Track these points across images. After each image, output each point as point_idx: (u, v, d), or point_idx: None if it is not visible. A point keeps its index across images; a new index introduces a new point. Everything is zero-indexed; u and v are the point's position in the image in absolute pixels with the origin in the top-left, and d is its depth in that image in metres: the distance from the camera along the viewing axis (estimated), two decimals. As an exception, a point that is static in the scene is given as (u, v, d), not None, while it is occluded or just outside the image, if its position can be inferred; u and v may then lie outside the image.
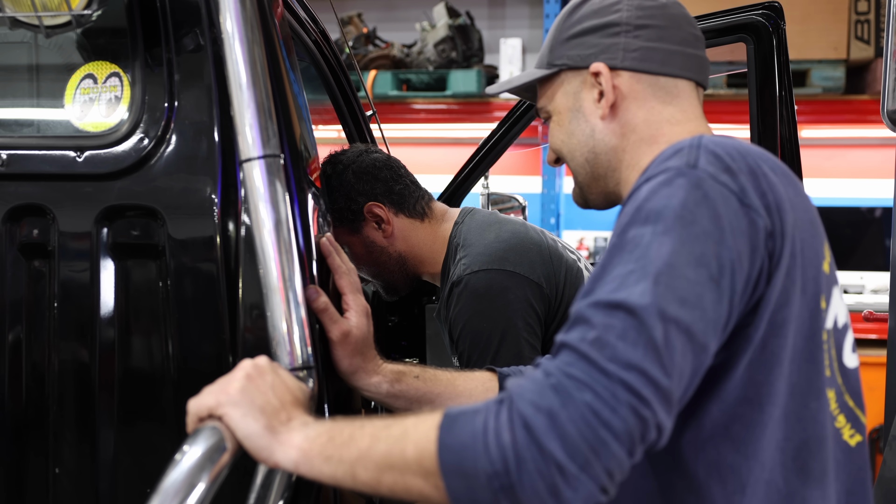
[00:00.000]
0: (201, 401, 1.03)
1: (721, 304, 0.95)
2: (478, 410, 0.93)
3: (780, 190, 1.02)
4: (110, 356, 1.40)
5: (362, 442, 0.97)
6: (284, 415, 1.02)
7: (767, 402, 1.01)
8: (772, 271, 0.99)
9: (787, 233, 1.00)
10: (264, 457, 1.01)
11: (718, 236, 0.96)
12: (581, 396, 0.88)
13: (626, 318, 0.91)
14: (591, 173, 1.23)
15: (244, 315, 1.33)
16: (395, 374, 1.38)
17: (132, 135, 1.38)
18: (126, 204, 1.38)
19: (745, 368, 1.00)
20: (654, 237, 0.95)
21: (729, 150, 1.02)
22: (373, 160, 1.80)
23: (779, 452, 1.02)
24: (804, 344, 1.02)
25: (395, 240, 1.79)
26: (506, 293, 1.65)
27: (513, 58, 4.73)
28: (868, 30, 4.43)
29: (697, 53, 1.20)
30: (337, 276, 1.37)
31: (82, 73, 1.43)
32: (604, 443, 0.87)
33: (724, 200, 0.97)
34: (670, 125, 1.17)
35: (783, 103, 1.98)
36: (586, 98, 1.21)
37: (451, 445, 0.92)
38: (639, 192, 1.01)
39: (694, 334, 0.92)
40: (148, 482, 1.41)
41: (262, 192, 1.22)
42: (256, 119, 1.22)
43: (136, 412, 1.41)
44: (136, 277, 1.40)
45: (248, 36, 1.24)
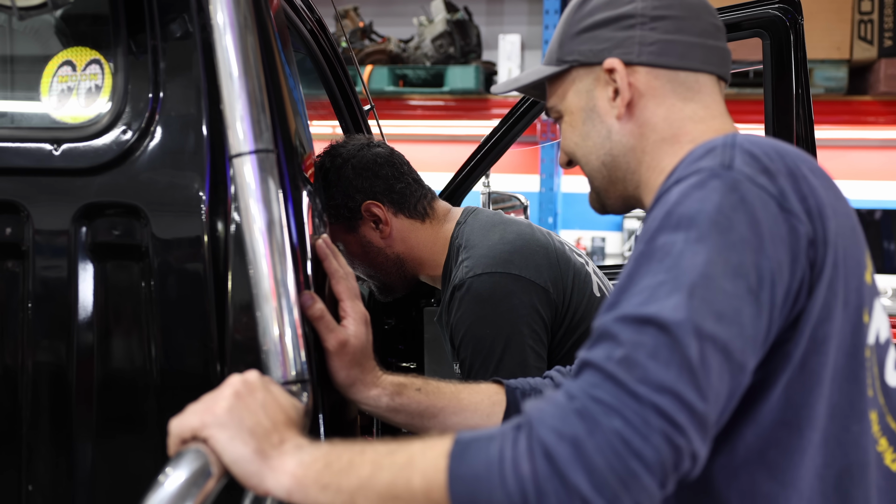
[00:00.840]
0: (184, 421, 0.94)
1: (760, 319, 0.86)
2: (492, 436, 0.84)
3: (821, 194, 0.93)
4: (88, 364, 1.30)
5: (363, 469, 0.88)
6: (276, 437, 0.93)
7: (807, 425, 0.92)
8: (813, 282, 0.91)
9: (830, 240, 0.91)
10: (254, 484, 0.92)
11: (757, 244, 0.87)
12: (609, 423, 0.79)
13: (658, 334, 0.82)
14: (609, 177, 1.13)
15: (233, 321, 1.24)
16: (396, 387, 1.29)
17: (113, 127, 1.29)
18: (106, 201, 1.29)
19: (784, 389, 0.91)
20: (688, 245, 0.86)
21: (766, 150, 0.93)
22: (374, 155, 1.70)
23: (818, 480, 0.93)
24: (846, 361, 0.94)
25: (394, 241, 1.69)
26: (510, 298, 1.56)
27: (511, 54, 4.64)
28: (871, 30, 4.36)
29: (719, 45, 1.11)
30: (334, 281, 1.28)
31: (60, 59, 1.34)
32: (634, 475, 0.78)
33: (763, 205, 0.89)
34: (693, 123, 1.08)
35: (800, 102, 1.90)
36: (600, 96, 1.12)
37: (462, 476, 0.83)
38: (668, 194, 0.92)
39: (731, 353, 0.84)
40: (128, 500, 1.34)
41: (254, 190, 1.12)
42: (248, 111, 1.13)
43: (116, 425, 1.32)
44: (116, 280, 1.31)
45: (240, 22, 1.14)
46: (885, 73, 4.25)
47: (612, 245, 5.19)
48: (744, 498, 0.92)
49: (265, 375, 1.03)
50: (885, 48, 4.33)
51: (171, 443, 0.95)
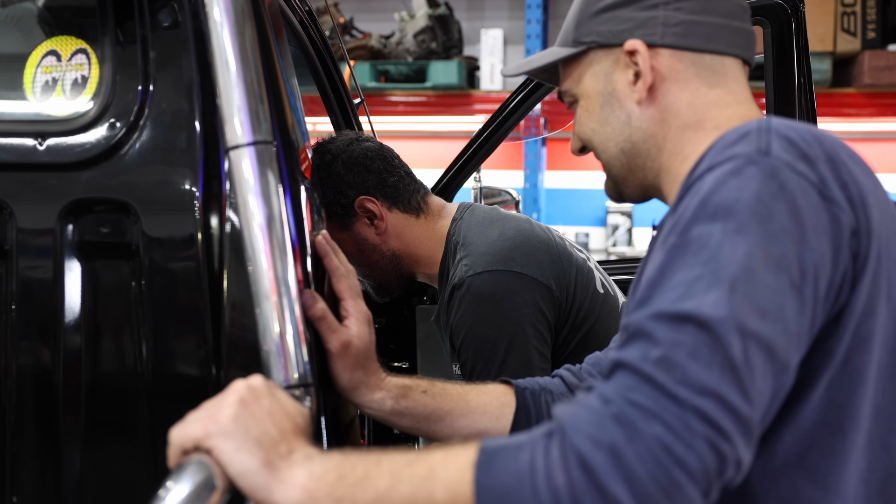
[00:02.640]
0: (186, 430, 0.88)
1: (804, 315, 0.82)
2: (522, 445, 0.79)
3: (862, 181, 0.89)
4: (76, 368, 1.24)
5: (380, 482, 0.83)
6: (285, 447, 0.87)
7: (850, 427, 0.88)
8: (857, 275, 0.86)
9: (874, 230, 0.87)
10: (261, 497, 0.86)
11: (799, 235, 0.82)
12: (649, 429, 0.74)
13: (698, 332, 0.77)
14: (628, 165, 1.08)
15: (229, 322, 1.19)
16: (401, 389, 1.23)
17: (101, 120, 1.23)
18: (94, 197, 1.23)
19: (825, 389, 0.87)
20: (726, 236, 0.81)
21: (804, 135, 0.88)
22: (364, 149, 1.64)
23: (862, 485, 0.89)
24: (890, 359, 0.90)
25: (389, 237, 1.64)
26: (513, 296, 1.51)
27: (494, 49, 4.60)
28: (855, 22, 4.35)
29: (745, 27, 1.06)
30: (335, 279, 1.22)
31: (43, 49, 1.27)
32: (677, 485, 0.74)
33: (803, 193, 0.84)
34: (718, 108, 1.03)
35: (802, 92, 1.86)
36: (620, 80, 1.06)
37: (490, 489, 0.78)
38: (701, 182, 0.87)
39: (776, 351, 0.79)
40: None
41: (253, 184, 1.07)
42: (246, 102, 1.08)
43: (105, 431, 1.26)
44: (105, 280, 1.25)
45: (237, 11, 1.09)
46: (868, 65, 4.25)
47: (595, 241, 5.17)
48: None
49: (270, 380, 0.97)
50: (868, 40, 4.32)
51: (171, 453, 0.89)
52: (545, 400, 1.27)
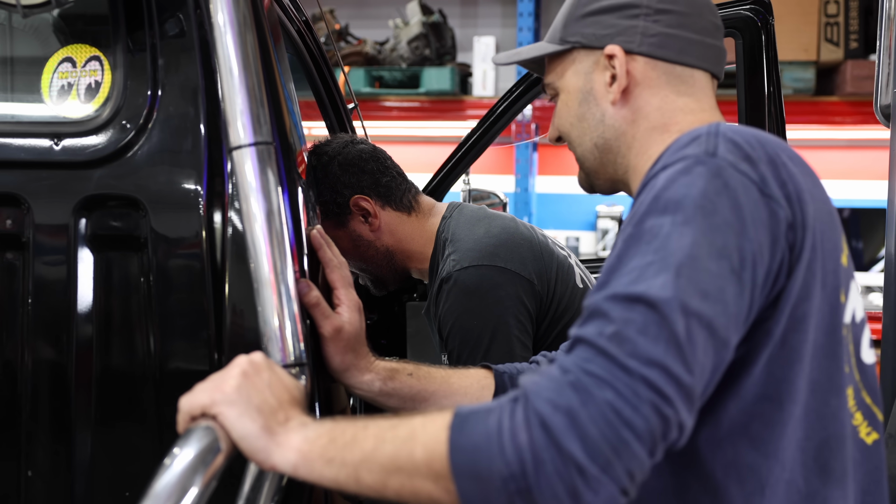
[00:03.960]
0: (194, 398, 0.97)
1: (742, 297, 0.91)
2: (491, 409, 0.89)
3: (800, 180, 0.98)
4: (87, 353, 1.33)
5: (366, 444, 0.92)
6: (282, 415, 0.97)
7: (787, 399, 0.97)
8: (793, 264, 0.96)
9: (808, 224, 0.97)
10: (261, 459, 0.95)
11: (740, 227, 0.92)
12: (602, 394, 0.84)
13: (647, 311, 0.87)
14: (600, 159, 1.18)
15: (230, 310, 1.28)
16: (388, 372, 1.33)
17: (113, 121, 1.32)
18: (106, 194, 1.32)
19: (765, 364, 0.96)
20: (675, 227, 0.91)
21: (748, 138, 0.98)
22: (359, 151, 1.74)
23: (799, 452, 0.98)
24: (824, 339, 0.99)
25: (382, 233, 1.74)
26: (497, 290, 1.61)
27: (486, 56, 4.70)
28: (837, 32, 4.47)
29: (716, 44, 1.16)
30: (328, 270, 1.32)
31: (60, 56, 1.37)
32: (625, 443, 0.83)
33: (745, 190, 0.94)
34: (683, 114, 1.13)
35: (772, 100, 1.97)
36: (598, 80, 1.16)
37: (463, 447, 0.87)
38: (656, 180, 0.97)
39: (716, 329, 0.89)
40: (126, 485, 1.37)
41: (254, 181, 1.17)
42: (248, 106, 1.17)
43: (115, 412, 1.35)
44: (116, 270, 1.34)
45: (239, 21, 1.19)
46: (851, 74, 4.36)
47: (585, 245, 5.26)
48: (728, 469, 0.97)
49: (269, 358, 1.07)
50: (850, 50, 4.44)
51: (180, 419, 0.98)
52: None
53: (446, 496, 0.88)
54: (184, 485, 0.91)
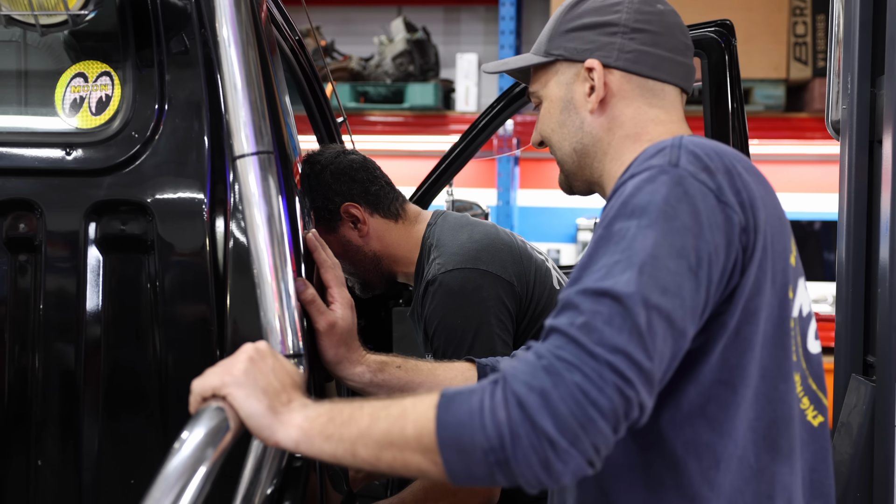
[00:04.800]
0: (206, 381, 1.07)
1: (699, 293, 1.02)
2: (473, 390, 0.99)
3: (753, 188, 1.09)
4: (96, 350, 1.42)
5: (362, 421, 1.02)
6: (285, 396, 1.07)
7: (740, 383, 1.08)
8: (745, 263, 1.06)
9: (760, 228, 1.07)
10: (266, 436, 1.05)
11: (697, 230, 1.02)
12: (571, 377, 0.94)
13: (613, 304, 0.97)
14: (578, 163, 1.29)
15: (233, 309, 1.37)
16: (379, 364, 1.43)
17: (122, 133, 1.42)
18: (115, 199, 1.41)
19: (721, 352, 1.07)
20: (639, 230, 1.01)
21: (707, 150, 1.09)
22: (350, 161, 1.85)
23: (750, 431, 1.09)
24: (774, 331, 1.10)
25: (371, 239, 1.84)
26: (479, 291, 1.71)
27: (469, 72, 4.83)
28: (806, 51, 4.63)
29: (686, 62, 1.27)
30: (322, 270, 1.42)
31: (73, 71, 1.46)
32: (591, 420, 0.93)
33: (703, 197, 1.04)
34: (654, 125, 1.24)
35: (735, 115, 2.09)
36: (578, 90, 1.26)
37: (449, 423, 0.97)
38: (624, 187, 1.08)
39: (674, 321, 0.99)
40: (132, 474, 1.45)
41: (256, 187, 1.26)
42: (250, 117, 1.27)
43: (122, 407, 1.43)
44: (123, 271, 1.43)
45: (242, 38, 1.29)
46: (819, 91, 4.51)
47: (566, 256, 5.37)
48: (687, 447, 1.08)
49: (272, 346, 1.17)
50: (818, 68, 4.60)
51: (192, 400, 1.08)
52: None
53: (433, 468, 0.98)
54: (196, 460, 1.00)
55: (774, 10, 4.57)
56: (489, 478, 0.97)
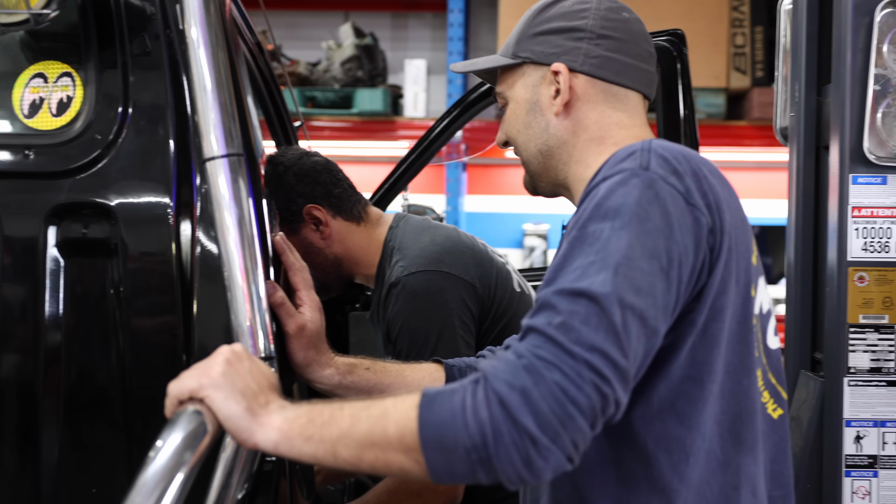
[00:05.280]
0: (182, 384, 1.06)
1: (670, 292, 1.05)
2: (455, 390, 1.00)
3: (718, 191, 1.13)
4: (56, 357, 1.39)
5: (343, 422, 1.02)
6: (263, 398, 1.06)
7: (708, 379, 1.11)
8: (712, 263, 1.10)
9: (725, 229, 1.11)
10: (244, 438, 1.04)
11: (668, 232, 1.06)
12: (551, 376, 0.96)
13: (589, 304, 0.99)
14: (543, 164, 1.31)
15: (200, 312, 1.36)
16: (347, 367, 1.44)
17: (85, 134, 1.39)
18: (78, 202, 1.39)
19: (689, 350, 1.10)
20: (613, 232, 1.04)
21: (675, 154, 1.12)
22: (313, 163, 1.85)
23: (717, 425, 1.13)
24: (737, 328, 1.14)
25: (333, 242, 1.84)
26: (442, 293, 1.73)
27: (417, 78, 4.84)
28: (745, 62, 4.77)
29: (649, 69, 1.31)
30: (291, 273, 1.42)
31: (31, 72, 1.44)
32: (571, 417, 0.95)
33: (673, 199, 1.08)
34: (618, 128, 1.27)
35: (687, 122, 2.15)
36: (544, 93, 1.29)
37: (431, 422, 0.98)
38: (597, 189, 1.10)
39: (647, 319, 1.02)
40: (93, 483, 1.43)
41: (226, 189, 1.25)
42: (220, 119, 1.26)
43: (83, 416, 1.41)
44: (85, 276, 1.40)
45: (212, 40, 1.28)
46: (757, 100, 4.65)
47: (513, 261, 5.40)
48: (658, 441, 1.11)
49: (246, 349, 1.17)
50: (757, 78, 4.74)
51: (168, 403, 1.07)
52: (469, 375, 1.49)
53: (416, 467, 0.99)
54: (175, 464, 0.98)
55: (715, 22, 4.69)
56: (471, 475, 0.98)
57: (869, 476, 1.59)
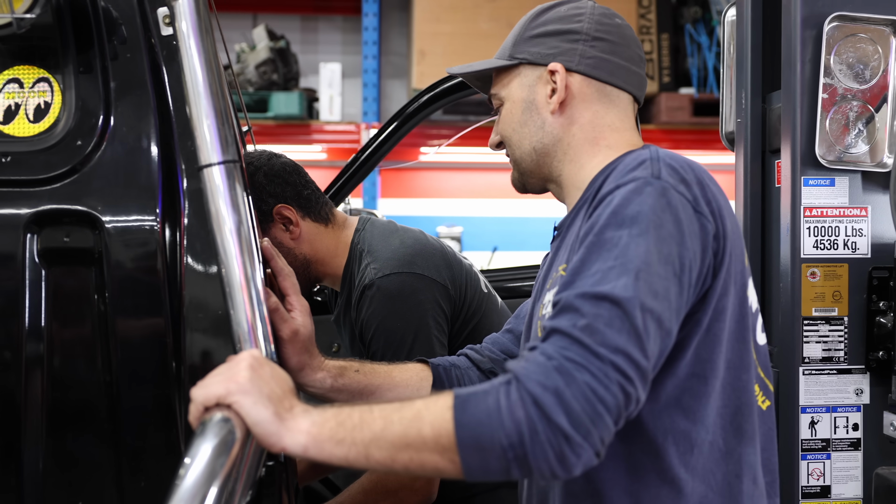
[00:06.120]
0: (209, 390, 1.05)
1: (682, 295, 1.11)
2: (487, 391, 1.03)
3: (720, 199, 1.19)
4: (37, 370, 1.35)
5: (374, 425, 1.04)
6: (287, 402, 1.07)
7: (711, 375, 1.18)
8: (716, 267, 1.16)
9: (727, 234, 1.18)
10: (272, 442, 1.05)
11: (680, 238, 1.11)
12: (581, 377, 1.01)
13: (612, 308, 1.04)
14: (537, 161, 1.35)
15: (189, 319, 1.34)
16: (338, 370, 1.44)
17: (65, 140, 1.36)
18: (59, 210, 1.35)
19: (695, 348, 1.16)
20: (632, 238, 1.09)
21: (681, 164, 1.18)
22: (283, 164, 1.85)
23: (719, 418, 1.19)
24: (736, 326, 1.21)
25: (302, 242, 1.84)
26: (417, 294, 1.75)
27: (332, 81, 4.83)
28: (652, 68, 4.95)
29: (639, 72, 1.36)
30: (280, 278, 1.42)
31: (5, 77, 1.39)
32: (600, 415, 1.00)
33: (683, 207, 1.13)
34: (611, 131, 1.32)
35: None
36: (540, 92, 1.33)
37: (467, 423, 1.01)
38: (612, 196, 1.15)
39: (663, 322, 1.08)
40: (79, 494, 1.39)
41: (224, 195, 1.25)
42: (216, 127, 1.26)
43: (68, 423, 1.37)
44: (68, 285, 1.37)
45: (205, 47, 1.27)
46: (665, 105, 4.85)
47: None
48: (666, 434, 1.16)
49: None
50: (664, 84, 4.93)
51: (193, 410, 1.06)
52: (455, 374, 1.52)
53: (451, 466, 1.02)
54: (210, 474, 0.98)
55: (623, 28, 4.85)
56: (504, 472, 1.01)
57: (822, 458, 1.70)
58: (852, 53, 1.68)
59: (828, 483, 1.70)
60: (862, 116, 1.69)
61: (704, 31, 5.01)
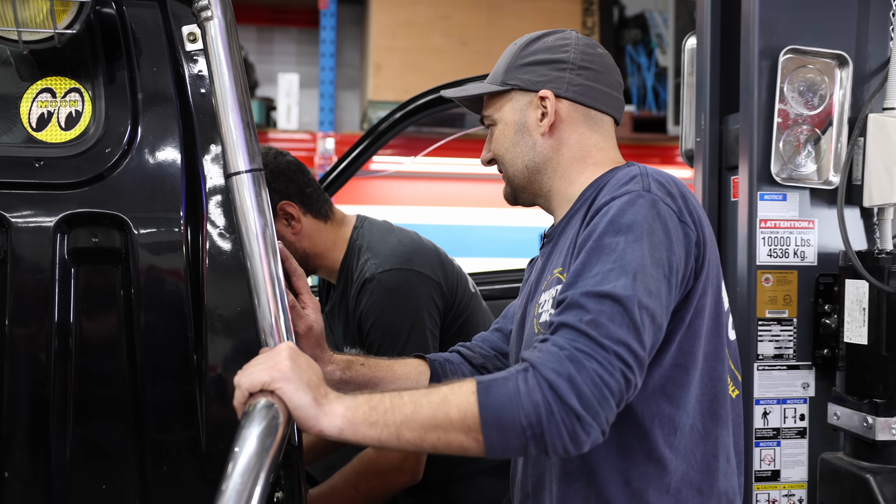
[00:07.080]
0: (254, 377, 1.17)
1: (670, 295, 1.27)
2: (507, 378, 1.17)
3: (699, 209, 1.36)
4: (65, 363, 1.42)
5: (406, 408, 1.17)
6: (323, 389, 1.19)
7: (691, 366, 1.33)
8: (697, 270, 1.32)
9: (706, 241, 1.34)
10: (311, 425, 1.17)
11: (668, 244, 1.27)
12: (590, 365, 1.16)
13: (614, 305, 1.20)
14: (529, 178, 1.49)
15: (210, 317, 1.44)
16: (346, 363, 1.57)
17: (95, 147, 1.45)
18: (91, 212, 1.43)
19: (678, 342, 1.32)
20: (628, 244, 1.24)
21: (666, 179, 1.35)
22: (288, 163, 1.97)
23: (698, 404, 1.35)
24: (712, 323, 1.37)
25: (302, 237, 1.96)
26: (414, 290, 1.89)
27: (290, 91, 4.91)
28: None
29: (619, 97, 1.52)
30: (294, 278, 1.54)
31: (38, 87, 1.47)
32: (606, 398, 1.16)
33: (670, 217, 1.29)
34: (596, 150, 1.48)
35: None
36: (531, 116, 1.47)
37: (490, 405, 1.15)
38: (608, 207, 1.30)
39: (656, 317, 1.23)
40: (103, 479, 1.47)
41: (252, 202, 1.36)
42: (243, 137, 1.37)
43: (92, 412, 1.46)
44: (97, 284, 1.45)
45: (233, 62, 1.39)
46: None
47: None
48: (652, 418, 1.32)
49: None
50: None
51: (239, 395, 1.17)
52: (449, 368, 1.65)
53: (475, 444, 1.16)
54: (261, 452, 1.10)
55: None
56: (522, 449, 1.16)
57: (773, 445, 1.89)
58: (803, 82, 1.87)
59: (778, 468, 1.88)
60: (811, 139, 1.89)
61: (644, 53, 5.21)
